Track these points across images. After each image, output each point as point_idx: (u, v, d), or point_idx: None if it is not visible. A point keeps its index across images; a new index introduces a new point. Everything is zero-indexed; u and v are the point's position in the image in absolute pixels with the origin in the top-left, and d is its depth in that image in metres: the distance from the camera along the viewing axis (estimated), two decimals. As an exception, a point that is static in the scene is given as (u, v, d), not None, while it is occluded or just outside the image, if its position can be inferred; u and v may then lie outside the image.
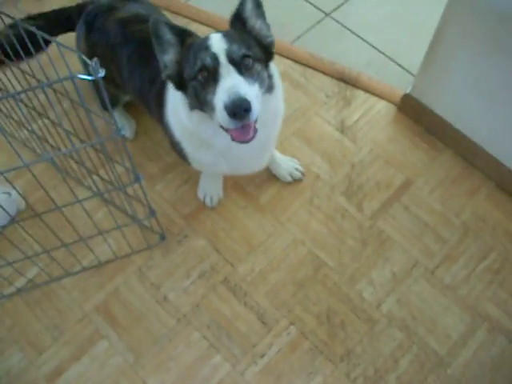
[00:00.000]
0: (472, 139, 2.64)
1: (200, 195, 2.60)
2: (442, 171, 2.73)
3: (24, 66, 2.23)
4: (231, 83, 1.64)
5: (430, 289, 2.42)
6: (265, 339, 2.32)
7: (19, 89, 2.46)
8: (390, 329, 2.34)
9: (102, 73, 1.48)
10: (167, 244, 2.53)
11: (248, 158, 2.12)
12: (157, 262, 2.50)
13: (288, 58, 3.07)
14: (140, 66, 2.24)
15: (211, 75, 1.69)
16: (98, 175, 2.54)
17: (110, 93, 2.48)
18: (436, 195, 2.67)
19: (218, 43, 1.70)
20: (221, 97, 1.65)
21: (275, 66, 1.92)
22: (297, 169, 2.64)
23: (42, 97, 1.93)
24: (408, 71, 3.05)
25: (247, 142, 1.75)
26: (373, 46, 3.14)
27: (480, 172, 2.72)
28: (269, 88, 1.85)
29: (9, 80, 2.42)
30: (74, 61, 2.05)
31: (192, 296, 2.41)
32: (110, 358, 2.33)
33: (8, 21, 2.00)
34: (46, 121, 2.53)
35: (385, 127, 2.87)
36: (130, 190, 2.37)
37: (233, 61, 1.67)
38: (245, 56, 1.69)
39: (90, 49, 2.38)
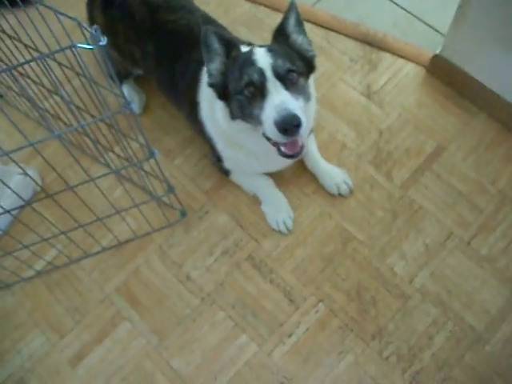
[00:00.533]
0: (508, 100, 2.48)
1: (272, 224, 2.41)
2: (475, 136, 2.58)
3: (27, 40, 2.11)
4: (280, 99, 1.72)
5: (466, 261, 2.31)
6: (292, 318, 2.25)
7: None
8: (423, 304, 2.24)
9: (103, 41, 1.37)
10: (188, 221, 2.47)
11: (280, 159, 2.04)
12: (178, 239, 2.44)
13: (309, 21, 2.92)
14: (170, 58, 2.25)
15: (258, 90, 1.76)
16: (114, 152, 2.44)
17: (124, 67, 2.55)
18: (470, 162, 2.53)
19: (263, 58, 1.77)
20: (270, 113, 1.72)
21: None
22: (346, 182, 2.44)
23: (55, 72, 1.82)
24: (437, 30, 2.88)
25: (296, 156, 1.86)
26: (398, 5, 3.01)
27: (517, 135, 2.56)
28: (308, 98, 1.91)
29: (12, 54, 2.34)
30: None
31: (215, 274, 2.35)
32: (133, 340, 2.27)
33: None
34: (58, 98, 2.43)
35: (413, 91, 2.72)
36: (146, 167, 2.29)
37: (279, 75, 1.75)
38: (290, 71, 1.77)
39: (110, 23, 2.36)
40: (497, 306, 2.23)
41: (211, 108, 2.08)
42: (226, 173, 2.47)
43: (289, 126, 1.69)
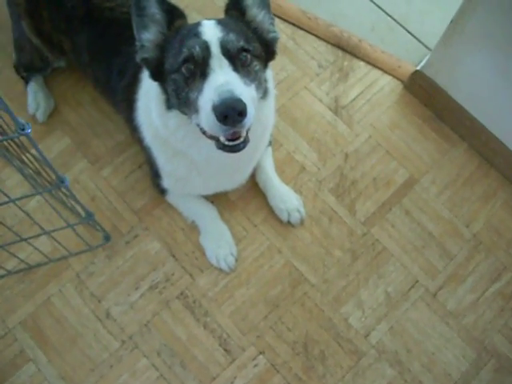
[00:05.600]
0: (492, 132, 2.27)
1: (211, 260, 2.18)
2: (453, 168, 2.36)
3: None
4: (224, 79, 1.41)
5: (430, 315, 2.14)
6: (227, 371, 2.03)
7: None
8: (378, 363, 2.06)
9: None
10: (113, 246, 2.20)
11: (228, 173, 1.91)
12: (99, 267, 2.17)
13: (275, 15, 2.48)
14: (107, 53, 2.00)
15: (199, 68, 1.45)
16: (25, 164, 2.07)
17: (44, 58, 2.28)
18: (444, 198, 2.31)
19: (210, 30, 1.47)
20: (209, 95, 1.40)
21: (270, 69, 1.68)
22: (299, 210, 2.22)
23: None
24: (420, 41, 2.59)
25: (238, 149, 1.51)
26: (379, 7, 2.69)
27: (498, 172, 2.36)
28: (264, 93, 1.63)
29: None
30: None
31: (140, 313, 2.10)
32: (37, 387, 1.99)
33: None
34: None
35: (388, 109, 2.46)
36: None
37: (228, 53, 1.44)
38: (243, 49, 1.47)
39: (32, 7, 2.09)
40: (460, 370, 2.08)
41: (148, 107, 1.77)
42: (162, 192, 2.17)
43: (230, 111, 1.36)
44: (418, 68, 2.34)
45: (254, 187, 2.24)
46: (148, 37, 1.54)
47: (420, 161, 2.34)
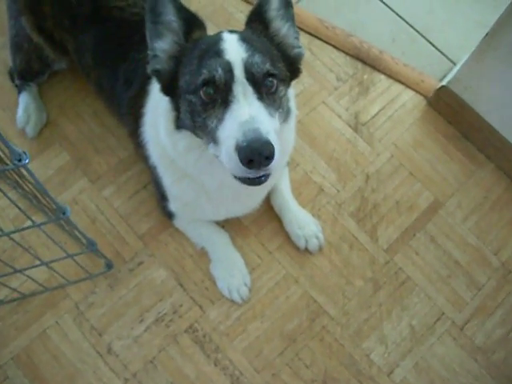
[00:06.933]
0: None
1: (223, 291, 2.05)
2: (479, 191, 2.25)
3: None
4: (249, 114, 1.25)
5: (458, 351, 2.03)
6: None
7: None
8: None
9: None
10: (115, 274, 2.06)
11: (241, 199, 1.77)
12: (100, 297, 2.04)
13: (289, 22, 2.38)
14: (113, 58, 1.86)
15: (219, 94, 1.30)
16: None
17: (43, 60, 2.14)
18: (471, 224, 2.19)
19: (234, 48, 1.31)
20: (232, 131, 1.25)
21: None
22: (317, 237, 2.09)
23: None
24: (443, 54, 2.45)
25: (257, 185, 1.36)
26: (400, 17, 2.56)
27: (529, 196, 2.24)
28: (286, 116, 1.47)
29: None
30: None
31: (145, 348, 1.97)
32: (29, 433, 1.87)
33: None
34: None
35: (410, 127, 2.33)
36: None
37: (252, 78, 1.30)
38: (269, 74, 1.31)
39: (34, 2, 1.96)
40: (490, 411, 1.97)
41: (156, 124, 1.60)
42: (169, 215, 2.03)
43: (256, 156, 1.21)
44: (444, 83, 2.21)
45: (268, 211, 2.11)
46: (162, 46, 1.40)
47: (445, 183, 2.22)
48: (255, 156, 1.21)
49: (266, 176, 1.32)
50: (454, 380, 1.96)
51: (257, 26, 1.43)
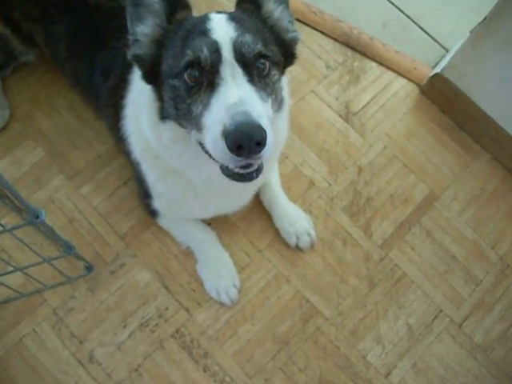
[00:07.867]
0: None
1: (211, 293, 1.98)
2: (475, 183, 2.21)
3: None
4: (238, 96, 1.16)
5: (457, 349, 1.99)
6: None
7: None
8: None
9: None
10: (96, 276, 1.98)
11: (230, 196, 1.69)
12: (80, 302, 1.95)
13: (276, 9, 2.29)
14: (89, 47, 1.77)
15: (206, 76, 1.22)
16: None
17: (9, 51, 2.03)
18: (467, 216, 2.15)
19: (222, 27, 1.23)
20: (219, 115, 1.16)
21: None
22: (309, 233, 2.02)
23: None
24: (436, 40, 2.38)
25: (247, 181, 1.28)
26: (390, 2, 2.48)
27: (527, 187, 2.20)
28: (279, 105, 1.39)
29: None
30: None
31: (129, 355, 1.90)
32: None
33: None
34: None
35: (403, 116, 2.27)
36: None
37: (242, 59, 1.21)
38: (261, 55, 1.23)
39: None
40: (491, 411, 1.93)
41: (138, 115, 1.51)
42: (152, 213, 1.93)
43: (246, 140, 1.11)
44: (438, 71, 2.15)
45: (257, 206, 2.04)
46: (143, 30, 1.32)
47: (440, 174, 2.17)
48: (244, 141, 1.11)
49: (258, 171, 1.23)
50: (454, 380, 1.94)
51: (248, 6, 1.35)
